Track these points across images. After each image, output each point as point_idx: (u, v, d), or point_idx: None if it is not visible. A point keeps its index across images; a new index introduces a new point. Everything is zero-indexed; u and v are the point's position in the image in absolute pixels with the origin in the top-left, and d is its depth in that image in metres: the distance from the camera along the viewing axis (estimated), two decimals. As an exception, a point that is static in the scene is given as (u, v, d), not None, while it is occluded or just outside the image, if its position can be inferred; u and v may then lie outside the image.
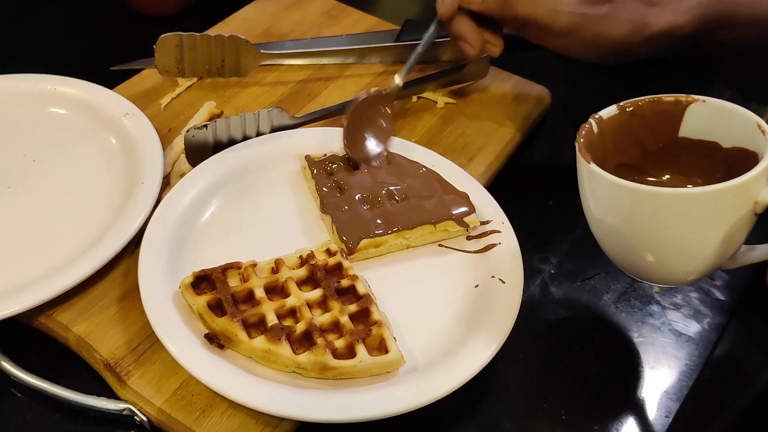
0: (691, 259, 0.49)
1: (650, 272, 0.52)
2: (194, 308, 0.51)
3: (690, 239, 0.48)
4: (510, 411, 0.52)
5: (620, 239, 0.51)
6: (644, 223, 0.48)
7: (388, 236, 0.56)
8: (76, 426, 0.50)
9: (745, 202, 0.47)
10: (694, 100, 0.53)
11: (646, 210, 0.47)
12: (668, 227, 0.47)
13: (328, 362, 0.48)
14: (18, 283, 0.53)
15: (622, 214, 0.49)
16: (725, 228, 0.47)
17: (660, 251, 0.49)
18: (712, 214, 0.47)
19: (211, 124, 0.61)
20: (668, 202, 0.47)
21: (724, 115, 0.52)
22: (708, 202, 0.46)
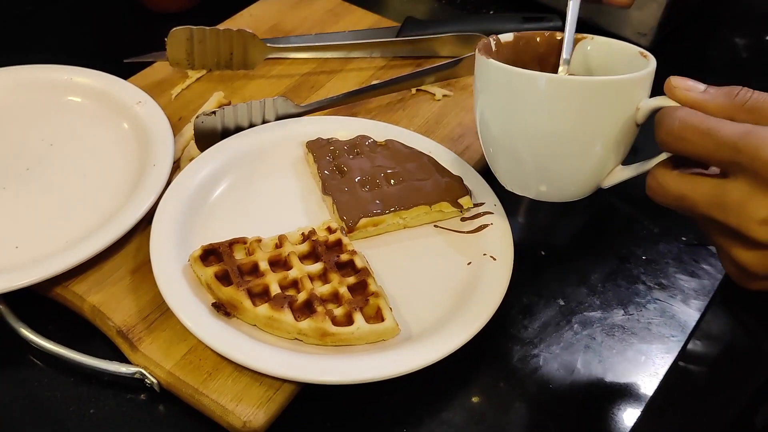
0: (575, 162, 0.51)
1: (537, 183, 0.54)
2: (202, 279, 0.54)
3: (574, 136, 0.49)
4: (502, 377, 0.55)
5: (508, 144, 0.53)
6: (531, 118, 0.49)
7: (385, 216, 0.59)
8: (90, 389, 0.53)
9: (627, 104, 0.48)
10: (584, 38, 0.55)
11: (534, 99, 0.49)
12: (553, 119, 0.49)
13: (327, 329, 0.51)
14: (37, 256, 0.56)
15: (510, 109, 0.51)
16: (608, 128, 0.49)
17: (544, 153, 0.51)
18: (596, 109, 0.48)
19: (219, 111, 0.65)
20: (556, 89, 0.48)
21: (611, 50, 0.54)
22: (593, 93, 0.48)
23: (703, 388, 0.58)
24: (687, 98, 0.46)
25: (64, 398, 0.52)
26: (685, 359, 0.58)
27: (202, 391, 0.50)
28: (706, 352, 0.60)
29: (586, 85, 0.48)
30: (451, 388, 0.54)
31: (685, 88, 0.46)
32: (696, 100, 0.46)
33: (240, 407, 0.50)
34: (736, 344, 0.61)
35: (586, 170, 0.52)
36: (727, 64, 0.90)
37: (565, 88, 0.48)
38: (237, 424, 0.49)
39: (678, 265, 0.64)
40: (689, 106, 0.46)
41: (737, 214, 0.43)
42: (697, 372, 0.59)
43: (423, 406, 0.53)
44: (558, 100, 0.48)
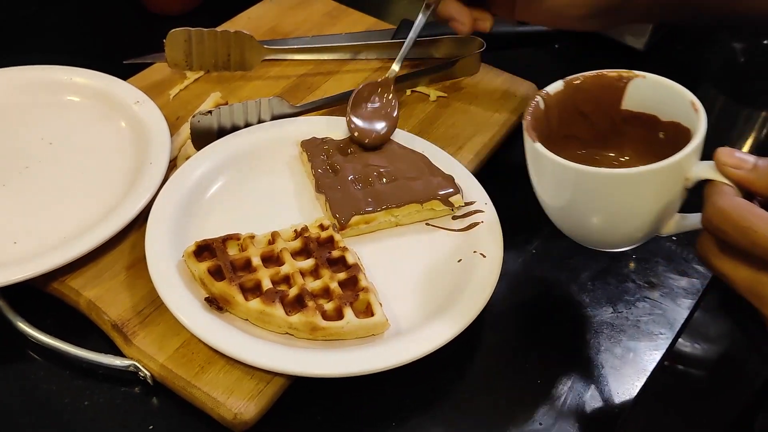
0: (629, 229, 0.52)
1: (593, 240, 0.56)
2: (196, 274, 0.55)
3: (627, 213, 0.51)
4: (491, 374, 0.56)
5: (564, 212, 0.54)
6: (584, 199, 0.51)
7: (377, 213, 0.60)
8: (85, 382, 0.54)
9: (677, 179, 0.49)
10: (636, 76, 0.55)
11: (586, 188, 0.50)
12: (607, 203, 0.51)
13: (317, 323, 0.52)
14: (35, 251, 0.57)
15: (564, 190, 0.52)
16: (660, 202, 0.50)
17: (600, 223, 0.53)
18: (647, 191, 0.50)
19: (215, 111, 0.66)
20: (606, 182, 0.49)
21: (662, 91, 0.54)
22: (643, 180, 0.49)
23: (694, 386, 0.58)
24: (734, 176, 0.47)
25: (60, 390, 0.53)
26: (673, 357, 0.59)
27: (195, 383, 0.51)
28: (696, 352, 0.60)
29: (637, 176, 0.49)
30: (440, 382, 0.55)
31: (733, 166, 0.47)
32: (743, 179, 0.46)
33: (231, 400, 0.51)
34: (731, 345, 0.61)
35: (641, 232, 0.53)
36: (723, 68, 0.90)
37: (618, 179, 0.49)
38: (228, 416, 0.50)
39: (668, 264, 0.64)
40: (736, 183, 0.47)
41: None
42: (686, 371, 0.59)
43: (412, 401, 0.54)
44: (619, 188, 0.50)
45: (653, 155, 0.51)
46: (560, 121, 0.56)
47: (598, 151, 0.59)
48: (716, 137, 0.79)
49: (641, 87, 0.55)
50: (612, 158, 0.59)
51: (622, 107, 0.57)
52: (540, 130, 0.53)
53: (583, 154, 0.58)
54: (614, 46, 0.86)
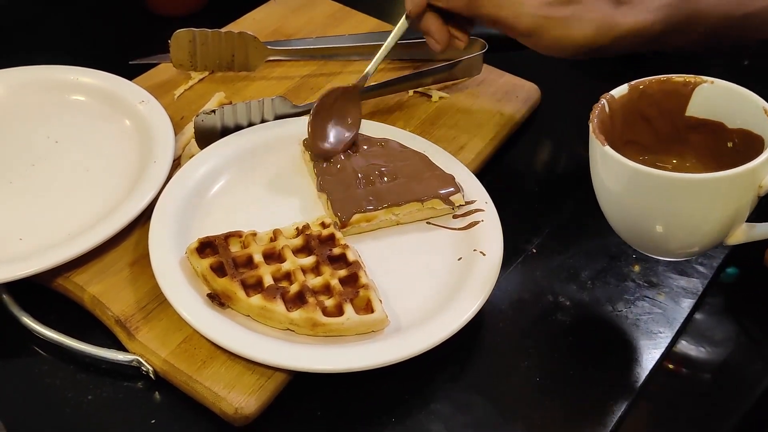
0: (695, 236, 0.51)
1: (655, 247, 0.55)
2: (198, 270, 0.56)
3: (695, 220, 0.50)
4: (490, 372, 0.56)
5: (628, 216, 0.53)
6: (652, 204, 0.50)
7: (378, 212, 0.61)
8: (88, 376, 0.54)
9: (749, 187, 0.48)
10: (703, 81, 0.54)
11: (655, 192, 0.49)
12: (675, 208, 0.49)
13: (318, 319, 0.53)
14: (40, 247, 0.58)
15: (631, 194, 0.51)
16: (729, 210, 0.49)
17: (665, 229, 0.51)
18: (718, 198, 0.48)
19: (219, 110, 0.66)
20: (677, 186, 0.48)
21: (731, 97, 0.53)
22: (715, 187, 0.48)
23: (694, 388, 0.58)
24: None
25: (64, 385, 0.54)
26: (674, 358, 0.59)
27: (196, 378, 0.52)
28: (698, 354, 0.60)
29: (711, 181, 0.47)
30: (439, 379, 0.56)
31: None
32: None
33: (232, 394, 0.51)
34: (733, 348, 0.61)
35: (707, 240, 0.52)
36: (727, 69, 0.90)
37: (691, 185, 0.48)
38: (229, 410, 0.51)
39: (668, 264, 0.64)
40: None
41: None
42: (686, 373, 0.59)
43: (411, 397, 0.54)
44: (689, 194, 0.48)
45: (717, 163, 0.52)
46: (623, 125, 0.55)
47: (660, 157, 0.58)
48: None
49: (708, 93, 0.54)
50: (675, 165, 0.58)
51: (686, 113, 0.55)
52: (605, 134, 0.52)
53: (644, 159, 0.57)
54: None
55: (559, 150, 0.79)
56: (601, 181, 0.53)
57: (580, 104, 0.83)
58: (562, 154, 0.79)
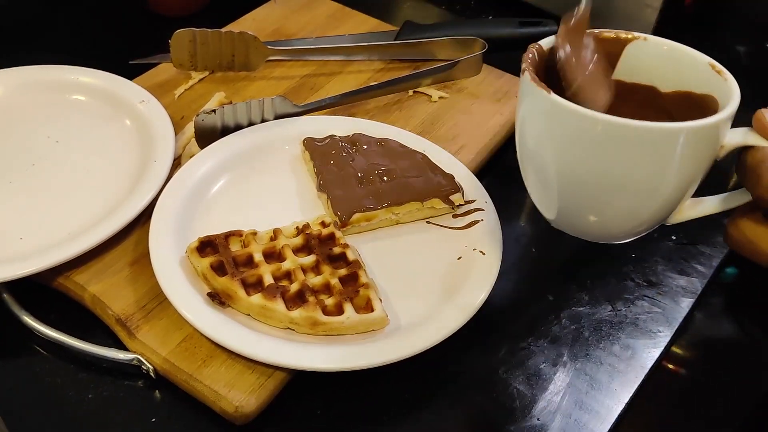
0: (640, 206, 0.45)
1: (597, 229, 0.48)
2: (198, 270, 0.56)
3: (650, 179, 0.43)
4: (489, 370, 0.56)
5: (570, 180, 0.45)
6: (607, 160, 0.42)
7: (378, 211, 0.61)
8: (89, 375, 0.55)
9: (711, 145, 0.42)
10: (635, 38, 0.47)
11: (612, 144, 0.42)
12: (633, 163, 0.42)
13: (318, 318, 0.53)
14: (40, 246, 0.58)
15: (579, 150, 0.43)
16: (685, 169, 0.43)
17: (616, 195, 0.44)
18: (675, 153, 0.42)
19: (219, 110, 0.67)
20: (640, 136, 0.41)
21: (668, 55, 0.46)
22: (674, 139, 0.41)
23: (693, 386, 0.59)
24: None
25: (64, 384, 0.54)
26: (672, 358, 0.59)
27: (197, 377, 0.52)
28: (697, 353, 0.61)
29: (665, 131, 0.41)
30: (439, 378, 0.56)
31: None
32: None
33: (232, 393, 0.51)
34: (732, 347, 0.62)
35: (649, 211, 0.45)
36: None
37: (637, 133, 0.41)
38: (229, 409, 0.51)
39: (667, 263, 0.65)
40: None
41: None
42: (685, 372, 0.60)
43: (411, 396, 0.54)
44: (625, 145, 0.42)
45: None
46: (548, 82, 0.47)
47: None
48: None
49: (640, 51, 0.47)
50: None
51: (612, 77, 0.48)
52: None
53: None
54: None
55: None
56: (543, 144, 0.45)
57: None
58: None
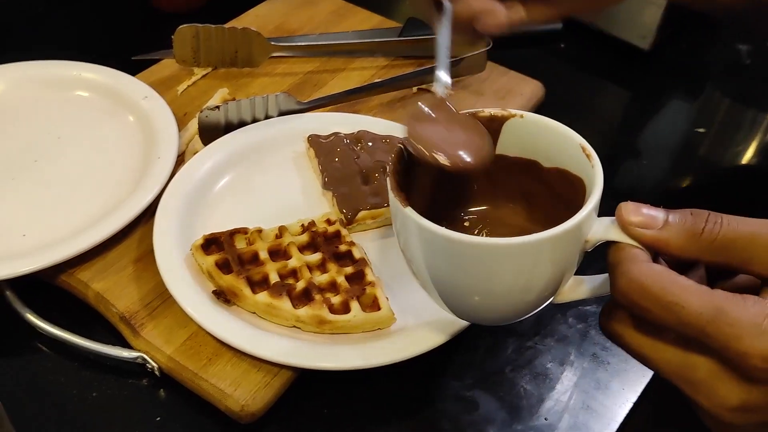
0: (518, 304, 0.45)
1: (477, 318, 0.49)
2: (203, 267, 0.56)
3: (518, 287, 0.43)
4: (497, 369, 0.56)
5: (441, 286, 0.45)
6: (468, 274, 0.42)
7: (384, 209, 0.60)
8: (93, 373, 0.54)
9: (575, 244, 0.42)
10: (511, 116, 0.47)
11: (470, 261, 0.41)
12: (496, 277, 0.42)
13: (324, 316, 0.52)
14: (44, 243, 0.57)
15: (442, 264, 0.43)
16: (554, 271, 0.42)
17: (484, 299, 0.44)
18: (540, 261, 0.41)
19: (223, 106, 0.66)
20: (496, 253, 0.41)
21: (544, 133, 0.46)
22: (537, 250, 0.40)
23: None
24: (644, 238, 0.39)
25: (68, 382, 0.54)
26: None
27: (202, 375, 0.52)
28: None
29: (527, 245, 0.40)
30: (445, 377, 0.55)
31: (640, 225, 0.39)
32: (655, 240, 0.39)
33: (238, 392, 0.51)
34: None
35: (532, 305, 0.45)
36: (727, 69, 0.91)
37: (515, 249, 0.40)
38: (235, 407, 0.50)
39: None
40: (647, 246, 0.39)
41: (707, 396, 0.38)
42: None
43: (418, 395, 0.54)
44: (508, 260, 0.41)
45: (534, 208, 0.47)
46: (423, 171, 0.47)
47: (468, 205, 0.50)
48: (721, 140, 0.80)
49: (519, 128, 0.47)
50: (486, 213, 0.50)
51: (496, 152, 0.48)
52: (406, 185, 0.44)
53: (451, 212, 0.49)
54: (620, 46, 0.87)
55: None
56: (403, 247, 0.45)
57: (584, 101, 0.83)
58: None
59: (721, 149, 0.80)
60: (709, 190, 0.73)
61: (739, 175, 0.77)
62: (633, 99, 0.86)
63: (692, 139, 0.80)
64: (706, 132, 0.81)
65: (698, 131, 0.81)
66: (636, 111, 0.84)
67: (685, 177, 0.77)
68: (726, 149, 0.80)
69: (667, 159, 0.78)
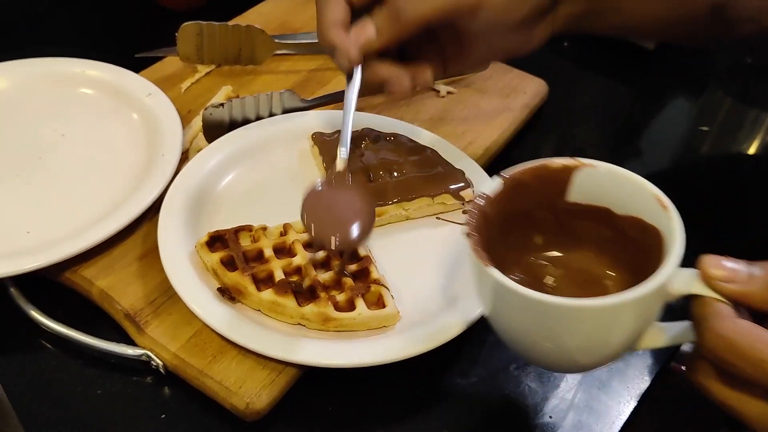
0: (600, 356, 0.46)
1: (561, 368, 0.50)
2: (208, 265, 0.56)
3: (602, 342, 0.44)
4: (502, 367, 0.56)
5: (524, 341, 0.47)
6: (550, 329, 0.43)
7: (388, 206, 0.60)
8: (97, 371, 0.54)
9: (660, 299, 0.42)
10: (583, 165, 0.48)
11: (552, 319, 0.43)
12: (578, 332, 0.43)
13: (329, 314, 0.52)
14: (48, 240, 0.57)
15: (524, 320, 0.44)
16: (639, 324, 0.43)
17: (570, 353, 0.45)
18: (624, 319, 0.42)
19: (227, 104, 0.66)
20: (581, 314, 0.42)
21: (617, 182, 0.47)
22: (621, 310, 0.41)
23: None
24: (729, 292, 0.39)
25: (72, 379, 0.54)
26: (682, 356, 0.59)
27: (207, 373, 0.52)
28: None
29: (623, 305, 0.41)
30: (450, 375, 0.55)
31: (724, 279, 0.39)
32: (740, 295, 0.39)
33: (243, 389, 0.51)
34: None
35: (615, 355, 0.46)
36: (731, 68, 0.91)
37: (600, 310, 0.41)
38: (240, 405, 0.50)
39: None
40: (731, 300, 0.39)
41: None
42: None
43: (423, 392, 0.54)
44: (586, 320, 0.42)
45: (611, 254, 0.47)
46: (501, 225, 0.48)
47: (545, 254, 0.51)
48: (723, 139, 0.80)
49: (590, 177, 0.48)
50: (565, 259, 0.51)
51: (568, 200, 0.49)
52: (484, 242, 0.45)
53: (531, 261, 0.51)
54: (623, 46, 0.87)
55: (566, 145, 0.79)
56: (487, 306, 0.47)
57: (587, 99, 0.83)
58: (569, 148, 0.79)
59: (723, 148, 0.80)
60: (712, 189, 0.73)
61: (742, 174, 0.77)
62: (636, 97, 0.86)
63: (695, 137, 0.81)
64: (709, 131, 0.81)
65: (701, 129, 0.81)
66: (639, 109, 0.84)
67: (688, 175, 0.77)
68: (728, 148, 0.80)
69: (669, 157, 0.78)
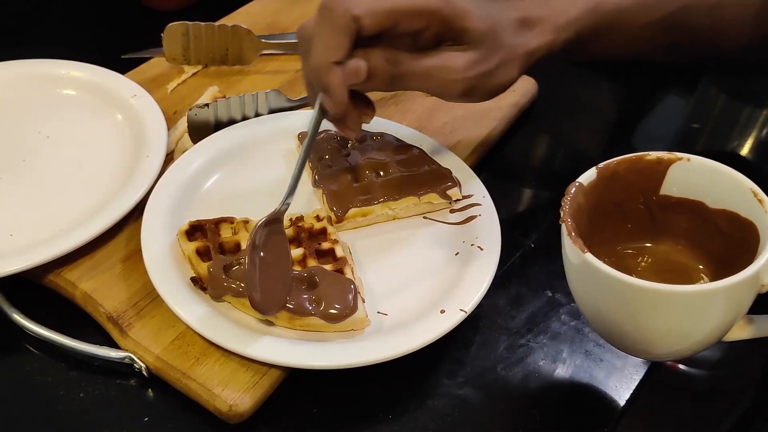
0: (690, 343, 0.47)
1: (642, 352, 0.51)
2: (185, 253, 0.55)
3: (690, 328, 0.45)
4: (488, 367, 0.56)
5: (614, 326, 0.48)
6: (642, 315, 0.45)
7: (374, 206, 0.60)
8: (80, 374, 0.54)
9: (752, 289, 0.44)
10: (678, 158, 0.49)
11: (646, 304, 0.44)
12: (670, 319, 0.45)
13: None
14: (31, 243, 0.57)
15: (617, 305, 0.46)
16: (729, 315, 0.45)
17: (657, 338, 0.47)
18: (716, 306, 0.44)
19: (212, 104, 0.66)
20: (673, 300, 0.43)
21: (712, 175, 0.48)
22: (714, 297, 0.43)
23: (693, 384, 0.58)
24: None
25: (55, 382, 0.53)
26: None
27: (190, 375, 0.51)
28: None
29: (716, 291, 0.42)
30: (437, 375, 0.55)
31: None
32: None
33: (226, 391, 0.50)
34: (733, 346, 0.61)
35: (705, 343, 0.48)
36: (723, 65, 0.90)
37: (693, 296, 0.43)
38: (223, 407, 0.50)
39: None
40: None
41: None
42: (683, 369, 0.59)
43: (408, 394, 0.54)
44: (684, 305, 0.44)
45: (703, 247, 0.48)
46: (593, 214, 0.50)
47: (636, 245, 0.53)
48: (717, 136, 0.79)
49: (685, 170, 0.49)
50: (655, 251, 0.53)
51: (661, 192, 0.51)
52: (579, 230, 0.46)
53: (620, 251, 0.52)
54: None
55: (556, 143, 0.78)
56: (580, 291, 0.48)
57: (577, 97, 0.83)
58: (560, 147, 0.78)
59: (716, 145, 0.79)
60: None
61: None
62: (628, 94, 0.85)
63: (688, 134, 0.80)
64: (702, 128, 0.81)
65: (693, 127, 0.81)
66: (631, 107, 0.83)
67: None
68: (721, 145, 0.79)
69: (661, 155, 0.78)
